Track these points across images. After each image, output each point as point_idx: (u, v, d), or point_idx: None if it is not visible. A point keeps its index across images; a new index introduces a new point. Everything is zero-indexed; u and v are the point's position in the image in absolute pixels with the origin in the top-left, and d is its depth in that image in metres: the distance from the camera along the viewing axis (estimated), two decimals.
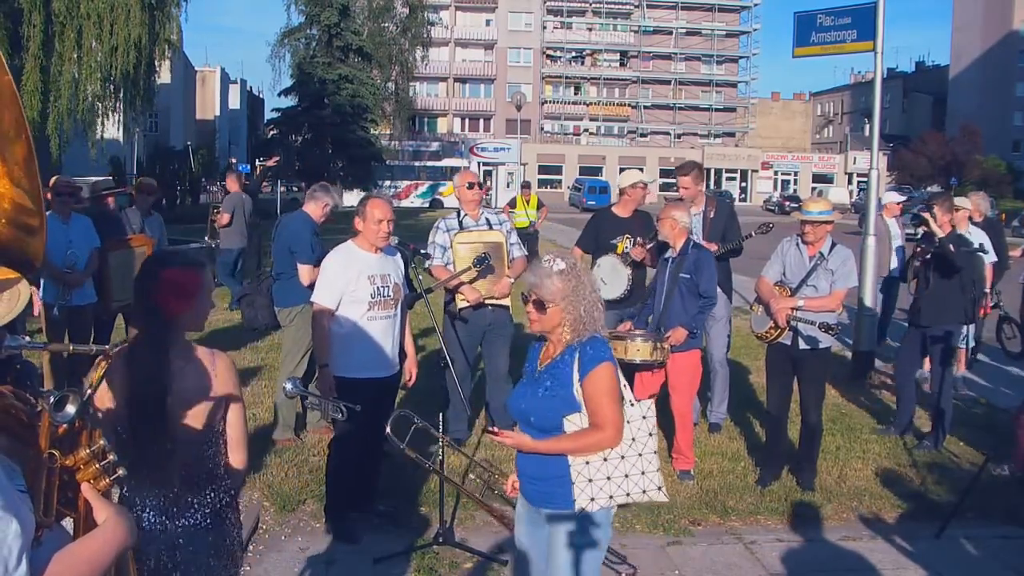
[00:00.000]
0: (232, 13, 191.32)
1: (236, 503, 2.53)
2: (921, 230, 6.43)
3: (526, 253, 5.97)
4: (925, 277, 6.17)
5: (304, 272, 5.61)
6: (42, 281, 6.24)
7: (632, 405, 2.84)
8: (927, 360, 7.18)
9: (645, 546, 4.48)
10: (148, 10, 17.52)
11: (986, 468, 5.03)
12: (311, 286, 5.05)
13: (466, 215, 5.75)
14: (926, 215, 6.12)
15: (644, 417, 2.85)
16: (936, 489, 5.32)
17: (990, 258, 7.51)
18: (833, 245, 5.23)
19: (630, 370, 5.31)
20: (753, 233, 6.32)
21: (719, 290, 6.10)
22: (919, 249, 6.23)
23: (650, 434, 2.85)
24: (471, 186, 5.73)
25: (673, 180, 7.26)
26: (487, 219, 5.78)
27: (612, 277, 6.03)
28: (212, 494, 2.41)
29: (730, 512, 4.91)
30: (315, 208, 5.89)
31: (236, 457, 2.48)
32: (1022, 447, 5.39)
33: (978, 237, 7.28)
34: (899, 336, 7.49)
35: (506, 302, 5.73)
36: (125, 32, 16.93)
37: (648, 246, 5.94)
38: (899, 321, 8.74)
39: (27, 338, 1.97)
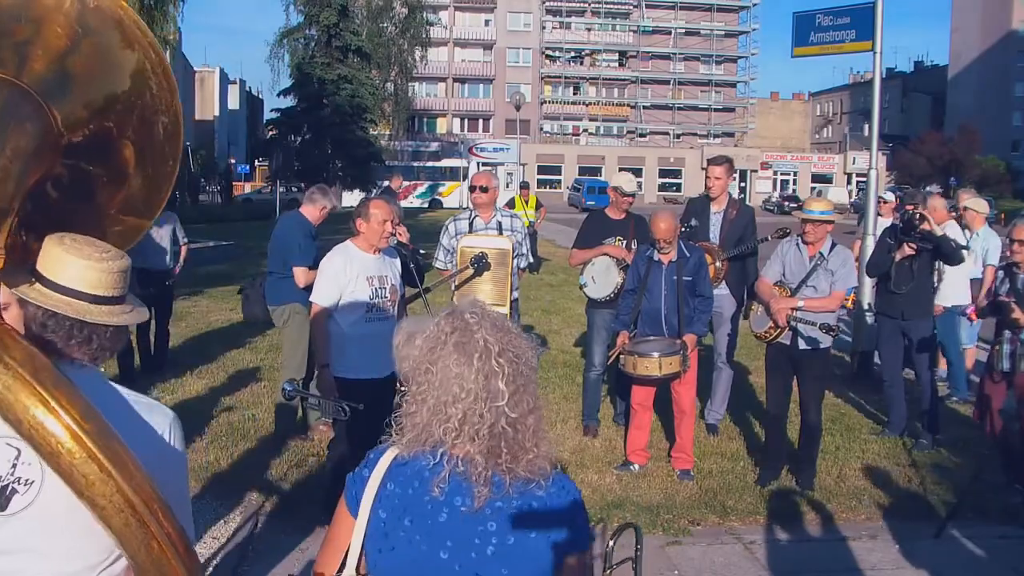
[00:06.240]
0: (231, 13, 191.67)
1: None
2: (895, 221, 6.53)
3: (524, 267, 5.86)
4: (910, 271, 6.19)
5: (299, 274, 5.66)
6: None
7: None
8: (942, 361, 7.35)
9: (644, 546, 4.46)
10: (146, 10, 17.47)
11: (985, 468, 5.03)
12: (307, 288, 5.07)
13: (477, 216, 5.71)
14: (925, 212, 6.14)
15: None
16: (935, 489, 5.32)
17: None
18: (833, 245, 5.23)
19: (651, 384, 5.33)
20: (769, 237, 6.33)
21: (727, 291, 6.13)
22: (909, 244, 6.23)
23: None
24: (485, 189, 5.66)
25: (673, 180, 7.29)
26: (499, 222, 5.66)
27: (603, 278, 6.06)
28: None
29: (729, 512, 4.91)
30: (312, 210, 5.96)
31: None
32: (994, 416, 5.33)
33: (991, 239, 7.41)
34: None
35: (504, 309, 5.71)
36: None
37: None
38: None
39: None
